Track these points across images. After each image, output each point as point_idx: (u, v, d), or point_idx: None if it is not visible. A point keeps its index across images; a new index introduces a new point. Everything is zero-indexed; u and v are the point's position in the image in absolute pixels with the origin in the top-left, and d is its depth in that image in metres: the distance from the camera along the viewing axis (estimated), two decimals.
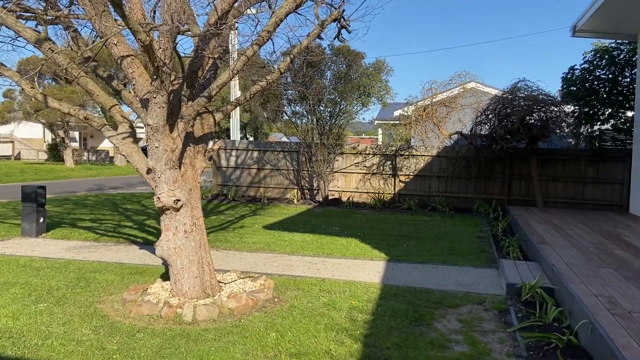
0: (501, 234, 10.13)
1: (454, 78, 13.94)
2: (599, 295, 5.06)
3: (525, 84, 12.66)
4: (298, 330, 4.83)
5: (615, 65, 12.74)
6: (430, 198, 14.62)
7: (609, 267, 6.30)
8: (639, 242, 8.08)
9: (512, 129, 12.13)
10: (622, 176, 12.90)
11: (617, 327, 4.18)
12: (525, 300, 5.87)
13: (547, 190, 13.55)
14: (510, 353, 4.42)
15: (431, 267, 7.56)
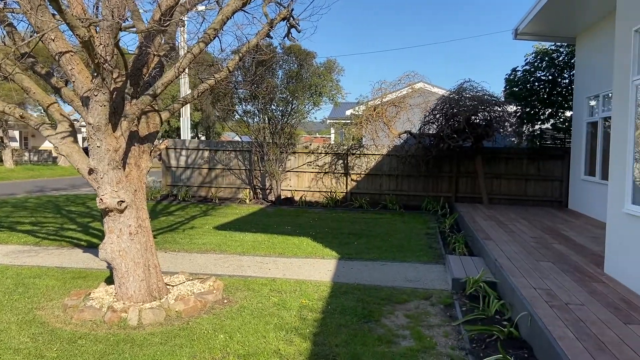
0: (448, 230, 10.42)
1: (402, 78, 14.21)
2: (538, 288, 5.29)
3: (471, 84, 13.07)
4: (247, 331, 4.80)
5: (554, 67, 13.34)
6: (381, 196, 14.85)
7: (548, 260, 6.60)
8: (576, 236, 8.51)
9: (458, 128, 12.49)
10: (561, 173, 13.54)
11: (554, 318, 4.38)
12: (469, 294, 6.07)
13: (492, 188, 14.03)
14: (454, 346, 4.55)
15: (381, 264, 7.68)
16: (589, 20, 10.92)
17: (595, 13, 10.37)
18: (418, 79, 14.63)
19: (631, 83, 5.56)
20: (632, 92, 5.56)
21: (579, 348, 3.70)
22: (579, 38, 12.04)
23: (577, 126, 12.05)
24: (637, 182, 5.51)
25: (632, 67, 5.55)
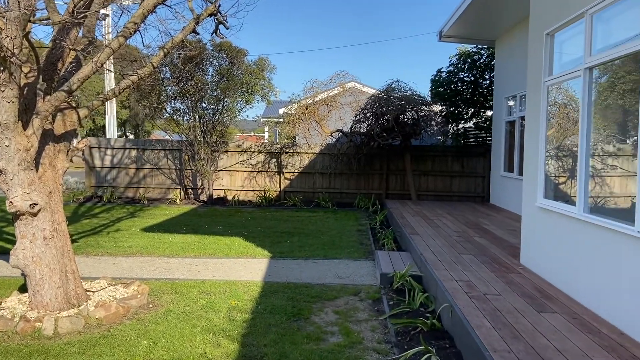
0: (379, 226, 10.66)
1: (333, 78, 14.37)
2: (459, 280, 5.52)
3: (399, 84, 13.44)
4: (172, 336, 4.66)
5: (476, 69, 13.99)
6: (315, 194, 14.95)
7: (470, 253, 6.91)
8: (495, 229, 8.97)
9: (387, 127, 12.80)
10: (483, 170, 14.24)
11: (473, 308, 4.59)
12: (396, 288, 6.24)
13: (420, 184, 14.51)
14: (380, 340, 4.66)
15: (312, 262, 7.72)
16: (506, 25, 11.53)
17: (512, 17, 10.97)
18: (349, 78, 14.85)
19: (543, 84, 5.92)
20: (543, 92, 5.93)
21: (495, 337, 3.90)
22: (498, 41, 12.69)
23: (497, 125, 12.71)
24: (552, 177, 5.87)
25: (544, 68, 5.91)
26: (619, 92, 4.62)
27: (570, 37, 5.42)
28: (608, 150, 4.72)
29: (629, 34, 4.21)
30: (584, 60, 4.88)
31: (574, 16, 5.07)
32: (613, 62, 4.53)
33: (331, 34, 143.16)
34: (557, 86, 5.74)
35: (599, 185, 4.83)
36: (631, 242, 3.99)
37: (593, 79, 4.85)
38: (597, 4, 4.63)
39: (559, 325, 4.15)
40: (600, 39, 4.76)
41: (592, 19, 4.78)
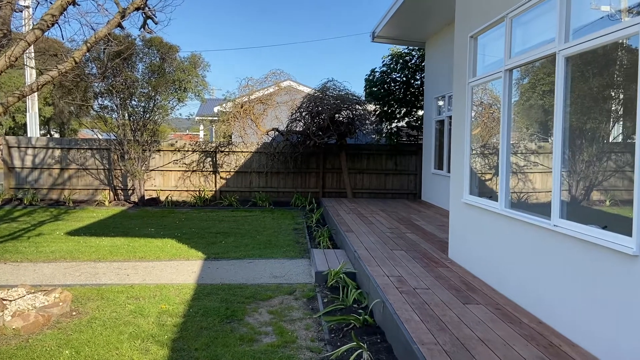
0: (315, 225, 10.71)
1: (269, 76, 14.28)
2: (390, 276, 5.64)
3: (334, 84, 13.57)
4: (97, 344, 4.45)
5: (408, 69, 14.38)
6: (251, 193, 14.81)
7: (401, 249, 7.09)
8: (426, 225, 9.26)
9: (323, 126, 12.90)
10: (415, 168, 14.67)
11: (403, 303, 4.70)
12: (331, 286, 6.29)
13: (356, 182, 14.74)
14: (314, 338, 4.68)
15: (248, 262, 7.64)
16: (435, 27, 11.93)
17: (440, 20, 11.36)
18: (284, 77, 14.81)
19: (467, 84, 6.17)
20: (468, 93, 6.17)
21: (423, 329, 4.02)
22: (427, 43, 13.10)
23: (427, 124, 13.13)
24: (477, 174, 6.13)
25: (468, 70, 6.16)
26: (539, 93, 4.88)
27: (492, 40, 5.67)
28: (531, 148, 4.98)
29: (544, 37, 4.46)
30: (504, 62, 5.13)
31: (495, 20, 5.31)
32: (530, 64, 4.79)
33: (282, 30, 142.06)
34: (482, 87, 6.00)
35: (522, 182, 5.09)
36: (547, 235, 4.24)
37: (514, 80, 5.11)
38: (516, 9, 4.87)
39: (483, 316, 4.34)
40: (519, 42, 5.01)
41: (512, 23, 5.03)
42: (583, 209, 4.00)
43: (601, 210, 3.82)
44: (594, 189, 3.96)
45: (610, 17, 3.56)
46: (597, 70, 3.85)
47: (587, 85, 4.02)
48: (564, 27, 4.04)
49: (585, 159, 4.05)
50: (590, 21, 3.90)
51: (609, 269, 3.41)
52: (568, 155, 4.13)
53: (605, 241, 3.43)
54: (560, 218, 4.09)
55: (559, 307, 4.02)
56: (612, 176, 3.72)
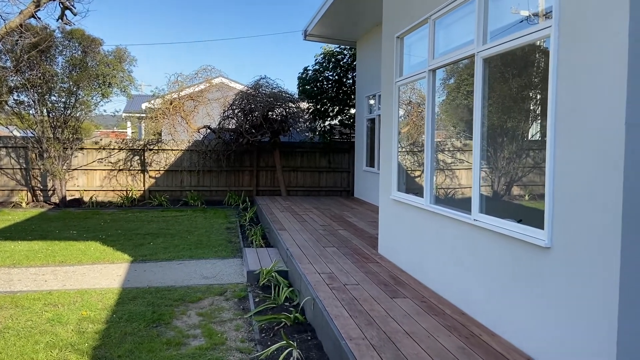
0: (248, 223, 10.60)
1: (199, 72, 13.96)
2: (322, 273, 5.68)
3: (267, 81, 13.49)
4: (10, 356, 4.15)
5: (340, 68, 14.55)
6: (183, 193, 14.43)
7: (333, 246, 7.16)
8: (358, 221, 9.41)
9: (256, 123, 12.78)
10: (348, 165, 14.89)
11: (333, 299, 4.74)
12: (263, 285, 6.24)
13: (290, 180, 14.73)
14: (244, 338, 4.61)
15: (177, 263, 7.43)
16: (366, 27, 12.14)
17: (370, 21, 11.56)
18: (216, 73, 14.53)
19: (395, 84, 6.31)
20: (395, 92, 6.32)
21: (352, 325, 4.06)
22: (359, 42, 13.31)
23: (359, 122, 13.34)
24: (405, 171, 6.28)
25: (395, 69, 6.30)
26: (464, 93, 5.07)
27: (418, 40, 5.83)
28: (457, 145, 5.16)
29: (464, 39, 4.63)
30: (428, 62, 5.29)
31: (419, 21, 5.46)
32: (453, 65, 4.96)
33: (216, 26, 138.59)
34: (411, 86, 6.15)
35: (450, 178, 5.27)
36: (468, 229, 4.41)
37: (440, 80, 5.27)
38: (438, 11, 5.03)
39: (409, 310, 4.46)
40: (442, 44, 5.18)
41: (435, 24, 5.19)
42: (503, 203, 4.20)
43: (521, 204, 4.02)
44: (515, 184, 4.16)
45: (529, 21, 3.74)
46: (517, 72, 4.04)
47: (507, 86, 4.22)
48: (482, 30, 4.22)
49: (506, 156, 4.24)
50: (507, 24, 4.09)
51: (524, 261, 3.60)
52: (490, 152, 4.31)
53: (520, 234, 3.62)
54: (480, 212, 4.27)
55: (480, 299, 4.20)
56: (530, 172, 3.91)
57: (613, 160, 2.80)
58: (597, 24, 2.93)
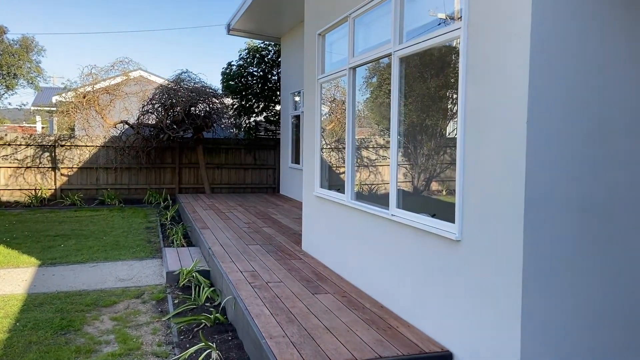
0: (169, 222, 10.25)
1: (115, 64, 13.29)
2: (244, 271, 5.59)
3: (189, 75, 13.10)
4: None
5: (265, 64, 14.44)
6: (98, 191, 13.69)
7: (257, 243, 7.08)
8: (282, 218, 9.38)
9: (177, 119, 12.38)
10: (274, 162, 14.82)
11: (255, 298, 4.68)
12: (183, 285, 6.05)
13: (214, 177, 14.43)
14: (161, 342, 4.45)
15: (90, 266, 7.03)
16: (290, 23, 12.11)
17: (294, 17, 11.54)
18: (134, 65, 13.90)
19: (317, 81, 6.33)
20: (317, 89, 6.34)
21: (272, 323, 4.03)
22: (283, 38, 13.26)
23: (284, 119, 13.31)
24: (329, 168, 6.32)
25: (317, 66, 6.32)
26: (385, 92, 5.16)
27: (339, 38, 5.88)
28: (380, 142, 5.25)
29: (383, 38, 4.73)
30: (348, 60, 5.35)
31: (339, 19, 5.51)
32: (373, 63, 5.05)
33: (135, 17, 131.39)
34: (335, 83, 6.19)
35: (374, 174, 5.35)
36: (387, 224, 4.52)
37: (363, 79, 5.33)
38: (357, 9, 5.10)
39: (330, 305, 4.50)
40: (361, 42, 5.26)
41: (354, 22, 5.26)
42: (422, 198, 4.33)
43: (439, 199, 4.15)
44: (434, 180, 4.30)
45: (446, 23, 3.87)
46: (435, 72, 4.16)
47: (426, 86, 4.34)
48: (398, 30, 4.32)
49: (425, 153, 4.38)
50: (423, 25, 4.21)
51: (438, 254, 3.74)
52: (411, 149, 4.43)
53: (434, 228, 3.75)
54: (398, 208, 4.39)
55: (397, 291, 4.31)
56: (447, 168, 4.06)
57: (516, 157, 2.96)
58: (502, 27, 3.08)
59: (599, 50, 3.01)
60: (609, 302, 3.13)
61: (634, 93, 3.11)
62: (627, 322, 3.18)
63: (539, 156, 2.92)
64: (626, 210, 3.13)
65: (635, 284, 3.19)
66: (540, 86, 2.90)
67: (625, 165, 3.12)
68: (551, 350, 3.00)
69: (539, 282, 2.95)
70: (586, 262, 3.06)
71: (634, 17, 3.08)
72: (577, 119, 2.99)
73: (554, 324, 3.00)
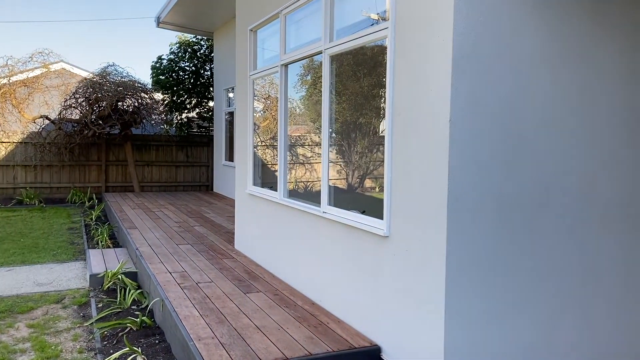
0: (94, 223, 9.77)
1: (34, 55, 12.47)
2: (173, 272, 5.42)
3: (115, 69, 12.54)
4: None
5: (197, 59, 14.08)
6: (16, 190, 12.81)
7: (188, 243, 6.90)
8: (215, 217, 9.20)
9: (103, 114, 11.83)
10: (207, 159, 14.50)
11: (183, 299, 4.55)
12: (108, 288, 5.79)
13: (144, 175, 13.91)
14: (83, 348, 4.22)
15: (6, 270, 6.56)
16: (223, 18, 11.88)
17: (227, 12, 11.33)
18: (55, 57, 13.11)
19: (249, 77, 6.25)
20: (250, 85, 6.26)
21: (201, 324, 3.93)
22: (216, 33, 13.00)
23: (217, 115, 13.06)
24: (262, 165, 6.25)
25: (249, 62, 6.23)
26: (320, 90, 5.16)
27: (271, 34, 5.83)
28: (315, 140, 5.24)
29: (314, 36, 4.73)
30: (280, 57, 5.31)
31: (271, 15, 5.46)
32: (303, 60, 5.04)
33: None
34: (269, 80, 6.11)
35: (310, 172, 5.34)
36: (318, 221, 4.53)
37: (299, 76, 5.29)
38: (289, 6, 5.07)
39: (262, 304, 4.45)
40: (293, 39, 5.23)
41: (286, 19, 5.23)
42: (355, 195, 4.36)
43: (372, 196, 4.21)
44: (367, 177, 4.35)
45: (378, 22, 3.91)
46: (367, 71, 4.21)
47: (360, 84, 4.38)
48: (329, 28, 4.34)
49: (359, 151, 4.42)
50: (354, 23, 4.25)
51: (367, 250, 3.79)
52: (345, 147, 4.46)
53: (363, 224, 3.80)
54: (329, 205, 4.41)
55: (329, 288, 4.34)
56: (380, 165, 4.12)
57: (440, 155, 3.05)
58: (426, 28, 3.16)
59: (515, 51, 3.16)
60: (529, 296, 3.31)
61: (549, 92, 3.30)
62: (547, 316, 3.38)
63: (462, 154, 3.02)
64: (541, 206, 3.31)
65: (551, 275, 3.38)
66: (462, 85, 3.00)
67: (538, 163, 3.30)
68: (474, 343, 3.13)
69: (462, 278, 3.07)
70: (505, 256, 3.21)
71: (547, 19, 3.26)
72: (495, 117, 3.13)
73: (476, 318, 3.13)
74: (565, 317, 3.44)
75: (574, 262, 3.45)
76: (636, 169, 3.69)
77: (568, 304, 3.44)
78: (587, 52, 3.41)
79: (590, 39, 3.42)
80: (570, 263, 3.43)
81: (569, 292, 3.44)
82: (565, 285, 3.43)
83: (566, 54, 3.32)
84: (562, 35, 3.29)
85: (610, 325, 3.64)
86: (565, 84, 3.34)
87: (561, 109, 3.34)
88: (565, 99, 3.35)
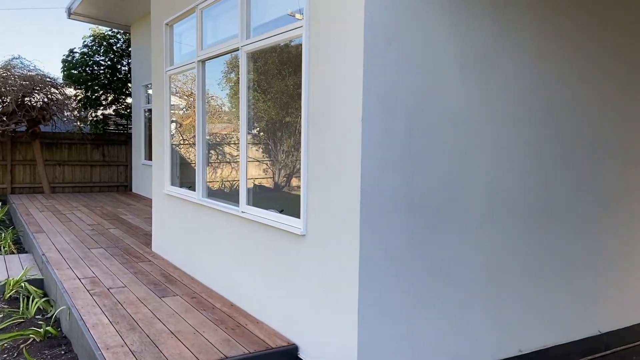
0: None
1: None
2: (83, 278, 5.12)
3: (21, 62, 11.66)
4: None
5: (114, 53, 13.40)
6: None
7: (101, 247, 6.55)
8: (133, 218, 8.82)
9: (7, 110, 10.96)
10: (126, 158, 13.85)
11: (92, 306, 4.30)
12: (10, 297, 5.36)
13: (55, 175, 13.05)
14: None
15: None
16: (140, 11, 11.38)
17: (143, 5, 10.85)
18: None
19: (165, 73, 6.03)
20: (166, 82, 6.04)
21: (111, 332, 3.73)
22: (133, 27, 12.45)
23: (136, 113, 12.53)
24: (190, 164, 6.04)
25: (165, 58, 6.01)
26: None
27: (188, 29, 5.65)
28: (240, 138, 5.12)
29: (232, 32, 4.63)
30: (197, 53, 5.16)
31: (187, 9, 5.29)
32: (218, 57, 4.92)
33: None
34: (191, 77, 5.90)
35: (234, 171, 5.19)
36: (237, 221, 4.45)
37: (223, 73, 5.14)
38: (204, 0, 4.93)
39: (178, 308, 4.31)
40: (210, 35, 5.10)
41: (202, 14, 5.09)
42: (278, 194, 4.32)
43: (297, 195, 4.18)
44: (294, 176, 4.31)
45: (296, 19, 3.88)
46: (292, 70, 4.17)
47: (285, 83, 4.34)
48: (245, 24, 4.27)
49: (285, 150, 4.38)
50: (271, 20, 4.20)
51: (285, 249, 3.77)
52: (271, 145, 4.39)
53: (281, 223, 3.78)
54: (248, 204, 4.34)
55: (247, 289, 4.28)
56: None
57: (352, 154, 3.09)
58: (338, 26, 3.19)
59: (429, 51, 3.26)
60: (440, 291, 3.43)
61: (460, 93, 3.43)
62: (457, 309, 3.51)
63: (374, 153, 3.07)
64: (450, 204, 3.45)
65: (459, 270, 3.53)
66: (374, 83, 3.05)
67: (446, 160, 3.43)
68: (387, 337, 3.20)
69: (375, 275, 3.12)
70: (416, 253, 3.30)
71: (462, 21, 3.39)
72: (407, 117, 3.20)
73: (389, 314, 3.20)
74: (474, 309, 3.60)
75: (482, 258, 3.62)
76: (539, 169, 3.94)
77: (476, 296, 3.61)
78: (495, 54, 3.58)
79: (499, 43, 3.59)
80: (478, 259, 3.60)
81: (476, 286, 3.61)
82: (474, 279, 3.59)
83: (474, 56, 3.47)
84: (471, 38, 3.43)
85: (518, 312, 3.86)
86: (475, 85, 3.49)
87: (469, 110, 3.48)
88: (473, 101, 3.50)
